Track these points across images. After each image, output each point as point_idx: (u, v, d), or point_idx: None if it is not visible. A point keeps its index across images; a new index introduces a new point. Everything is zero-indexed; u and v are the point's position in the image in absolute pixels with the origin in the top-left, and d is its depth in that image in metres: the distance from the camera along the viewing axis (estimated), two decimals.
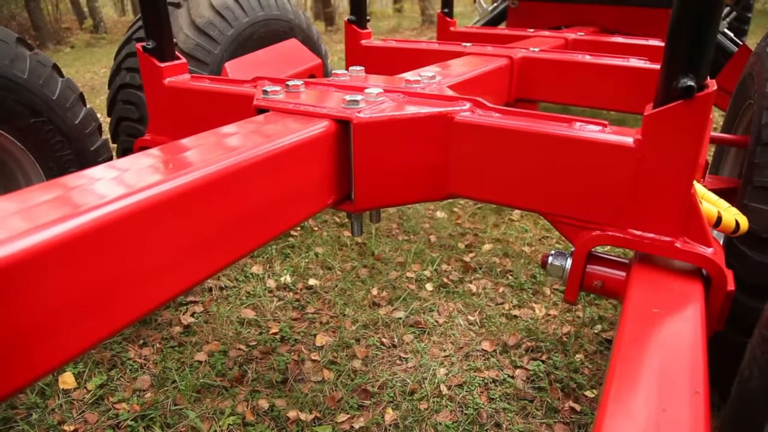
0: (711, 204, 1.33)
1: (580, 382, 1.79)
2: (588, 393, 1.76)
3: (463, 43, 2.54)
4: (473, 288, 2.31)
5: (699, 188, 1.34)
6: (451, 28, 3.43)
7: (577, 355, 1.92)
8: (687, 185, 1.12)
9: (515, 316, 2.13)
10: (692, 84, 1.02)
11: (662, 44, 3.00)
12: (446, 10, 3.41)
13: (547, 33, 3.20)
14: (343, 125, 1.24)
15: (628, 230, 1.19)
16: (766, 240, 1.33)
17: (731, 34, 3.28)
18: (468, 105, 1.31)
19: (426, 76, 1.56)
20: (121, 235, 0.79)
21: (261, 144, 1.07)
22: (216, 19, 2.28)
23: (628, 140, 1.13)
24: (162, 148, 1.06)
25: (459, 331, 2.06)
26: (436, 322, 2.11)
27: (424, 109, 1.28)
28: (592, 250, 1.25)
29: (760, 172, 1.38)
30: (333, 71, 1.61)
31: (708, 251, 1.14)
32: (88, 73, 7.74)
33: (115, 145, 2.40)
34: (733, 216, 1.23)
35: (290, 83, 1.43)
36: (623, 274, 1.25)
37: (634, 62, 2.23)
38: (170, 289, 0.92)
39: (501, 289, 2.31)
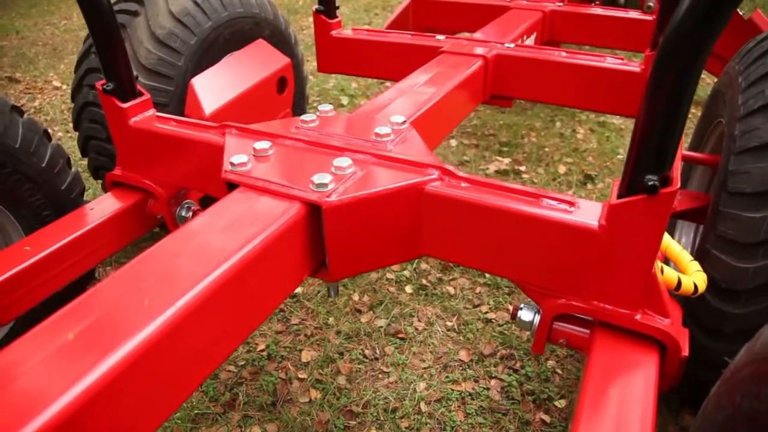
0: (674, 256, 1.38)
1: (550, 393, 1.91)
2: (557, 403, 1.88)
3: (437, 36, 2.47)
4: (451, 290, 2.38)
5: (664, 239, 1.39)
6: None
7: (548, 362, 2.03)
8: (648, 267, 1.16)
9: (491, 320, 2.23)
10: (656, 183, 1.04)
11: (642, 17, 2.92)
12: None
13: (524, 3, 3.11)
14: (314, 206, 1.25)
15: (591, 301, 1.24)
16: (725, 289, 1.39)
17: None
18: (437, 174, 1.31)
19: (396, 123, 1.54)
20: (130, 376, 0.86)
21: (240, 247, 1.09)
22: (177, 27, 2.17)
23: (593, 224, 1.16)
24: (144, 260, 1.07)
25: (437, 339, 2.16)
26: (416, 329, 2.20)
27: (393, 184, 1.28)
28: None
29: (723, 222, 1.42)
30: (300, 117, 1.57)
31: (665, 322, 1.20)
32: (47, 26, 7.30)
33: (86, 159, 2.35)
34: (691, 279, 1.28)
35: (257, 146, 1.41)
36: (587, 331, 1.32)
37: (610, 62, 2.20)
38: (173, 403, 0.99)
39: (478, 290, 2.39)
